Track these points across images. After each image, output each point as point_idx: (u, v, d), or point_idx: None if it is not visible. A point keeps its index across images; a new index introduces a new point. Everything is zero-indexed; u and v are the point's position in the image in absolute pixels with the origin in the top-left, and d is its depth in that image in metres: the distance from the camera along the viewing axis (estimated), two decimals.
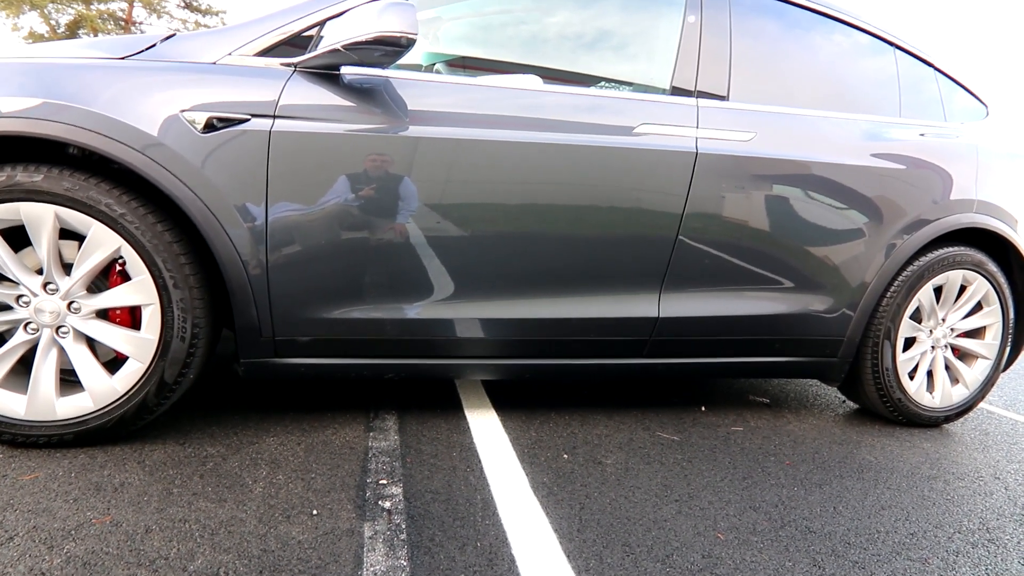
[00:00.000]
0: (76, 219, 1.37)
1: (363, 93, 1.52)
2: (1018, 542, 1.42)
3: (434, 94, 1.59)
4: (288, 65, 1.48)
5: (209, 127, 1.40)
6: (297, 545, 1.15)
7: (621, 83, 1.88)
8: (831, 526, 1.41)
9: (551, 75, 1.75)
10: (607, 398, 2.15)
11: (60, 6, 16.76)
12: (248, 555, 1.11)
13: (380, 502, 1.32)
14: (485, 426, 1.80)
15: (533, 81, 1.72)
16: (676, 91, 1.81)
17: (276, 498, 1.30)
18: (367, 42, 1.38)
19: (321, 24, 1.53)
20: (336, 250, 1.53)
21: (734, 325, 1.92)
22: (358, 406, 1.86)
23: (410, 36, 1.38)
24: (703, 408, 2.16)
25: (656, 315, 1.83)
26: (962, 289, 2.18)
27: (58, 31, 17.26)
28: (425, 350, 1.70)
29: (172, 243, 1.41)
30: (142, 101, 1.37)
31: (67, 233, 1.41)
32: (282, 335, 1.56)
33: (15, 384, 1.43)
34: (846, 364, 2.09)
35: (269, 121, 1.43)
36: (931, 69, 2.26)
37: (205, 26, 18.99)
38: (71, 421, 1.43)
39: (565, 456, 1.66)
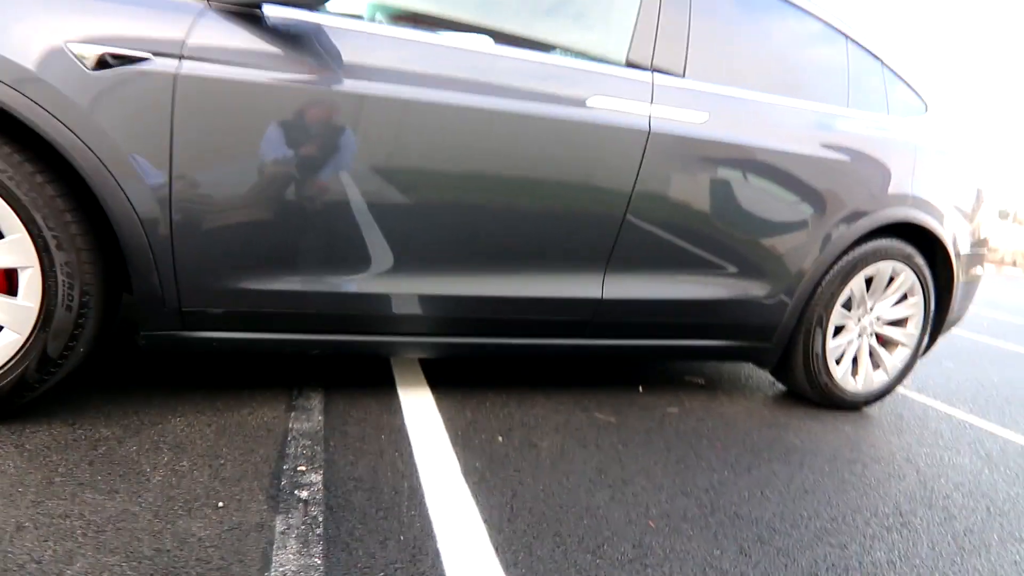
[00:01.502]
0: None
1: (289, 39, 1.35)
2: (927, 526, 1.49)
3: (372, 47, 1.43)
4: (200, 1, 1.29)
5: (101, 64, 1.20)
6: (197, 543, 1.03)
7: (576, 53, 1.77)
8: (758, 511, 1.43)
9: (503, 39, 1.61)
10: (546, 378, 2.11)
11: None
12: (138, 556, 0.98)
13: (296, 491, 1.22)
14: (419, 406, 1.72)
15: (484, 42, 1.59)
16: (632, 65, 1.72)
17: (177, 488, 1.18)
18: None
19: None
20: (254, 213, 1.38)
21: (676, 308, 1.90)
22: (281, 383, 1.73)
23: None
24: (640, 389, 2.16)
25: (600, 296, 1.78)
26: (890, 280, 2.26)
27: None
28: (356, 325, 1.58)
29: (55, 197, 1.22)
30: (15, 27, 1.15)
31: None
32: (190, 306, 1.40)
33: None
34: (779, 349, 2.13)
35: (175, 62, 1.25)
36: (878, 62, 2.27)
37: None
38: None
39: (500, 439, 1.60)
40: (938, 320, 2.42)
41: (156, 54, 1.24)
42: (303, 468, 1.31)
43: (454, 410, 1.73)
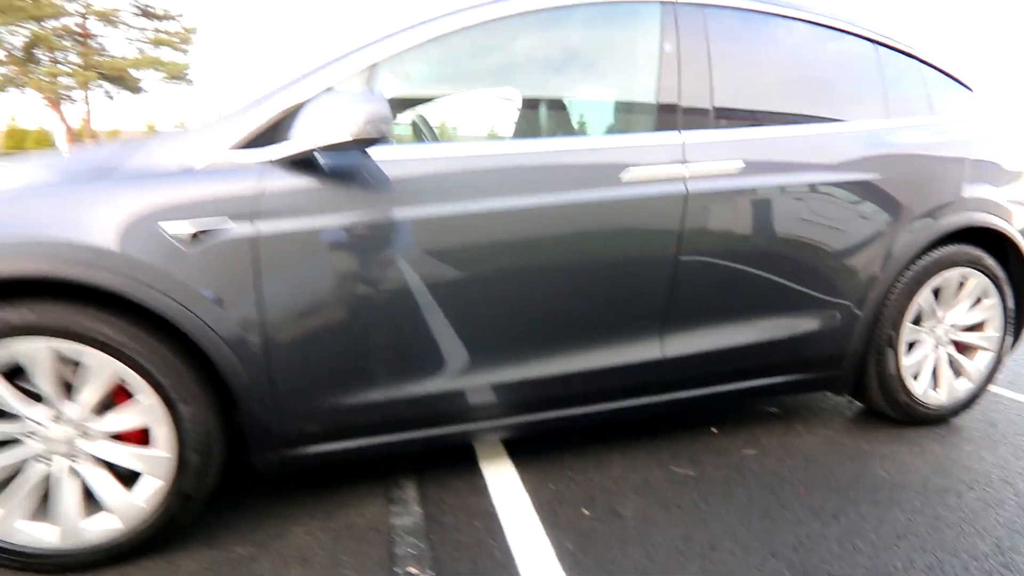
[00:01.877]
0: (71, 348, 1.36)
1: (343, 176, 1.49)
2: None
3: (417, 168, 1.56)
4: (263, 161, 1.45)
5: (192, 238, 1.38)
6: None
7: (606, 129, 1.85)
8: (850, 567, 1.45)
9: (533, 132, 1.71)
10: (620, 432, 2.17)
11: (13, 28, 16.23)
12: None
13: None
14: (503, 483, 1.83)
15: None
16: (659, 126, 1.78)
17: None
18: (341, 144, 1.35)
19: (291, 112, 1.48)
20: (336, 341, 1.53)
21: (738, 354, 1.93)
22: (375, 475, 1.88)
23: (383, 131, 1.35)
24: (714, 430, 2.19)
25: (660, 356, 1.83)
26: (960, 286, 2.19)
27: (14, 53, 16.78)
28: (438, 420, 1.71)
29: (173, 360, 1.41)
30: (118, 222, 1.34)
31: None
32: (292, 428, 1.57)
33: (43, 514, 1.44)
34: (852, 375, 2.11)
35: (251, 224, 1.41)
36: (914, 60, 2.21)
37: (164, 32, 18.43)
38: (104, 547, 1.45)
39: (585, 512, 1.69)
40: (1019, 316, 2.32)
41: (236, 219, 1.41)
42: (414, 570, 1.44)
43: (537, 482, 1.83)
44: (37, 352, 1.34)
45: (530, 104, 2.10)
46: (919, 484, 1.82)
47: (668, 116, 1.77)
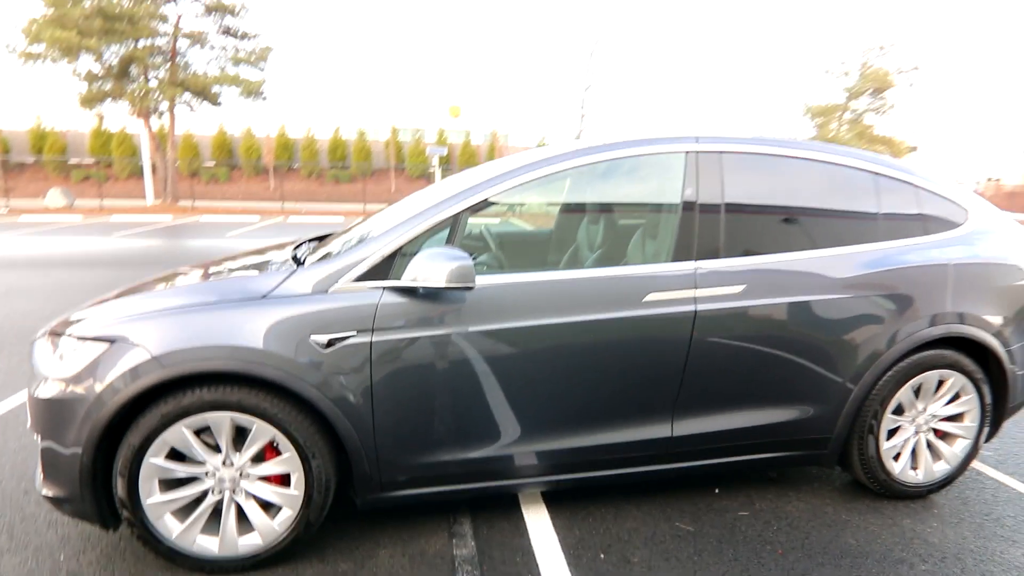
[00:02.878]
0: (242, 419, 1.95)
1: (434, 298, 2.03)
2: None
3: (487, 293, 2.08)
4: (378, 288, 2.01)
5: (329, 344, 1.95)
6: None
7: (637, 260, 2.37)
8: None
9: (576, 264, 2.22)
10: (637, 489, 2.62)
11: (112, 45, 17.93)
12: None
13: None
14: (540, 526, 2.32)
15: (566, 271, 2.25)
16: (677, 257, 2.24)
17: None
18: (435, 288, 1.90)
19: (399, 250, 2.04)
20: (422, 418, 2.08)
21: (735, 435, 2.37)
22: (441, 514, 2.41)
23: (466, 281, 1.89)
24: (716, 491, 2.62)
25: (670, 435, 2.29)
26: (940, 383, 2.54)
27: (112, 70, 18.44)
28: (493, 476, 2.23)
29: (309, 427, 1.98)
30: (280, 332, 1.93)
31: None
32: (386, 478, 2.12)
33: (209, 529, 2.04)
34: (836, 454, 2.50)
35: (369, 334, 1.97)
36: (909, 186, 2.58)
37: (243, 51, 19.83)
38: (249, 556, 2.04)
39: (602, 556, 2.17)
40: (998, 410, 2.64)
41: (359, 331, 1.97)
42: None
43: (566, 528, 2.32)
44: (221, 420, 1.94)
45: (581, 236, 2.65)
46: (880, 554, 2.21)
47: (685, 249, 2.24)
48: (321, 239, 2.92)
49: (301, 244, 2.83)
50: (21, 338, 4.74)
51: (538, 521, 2.36)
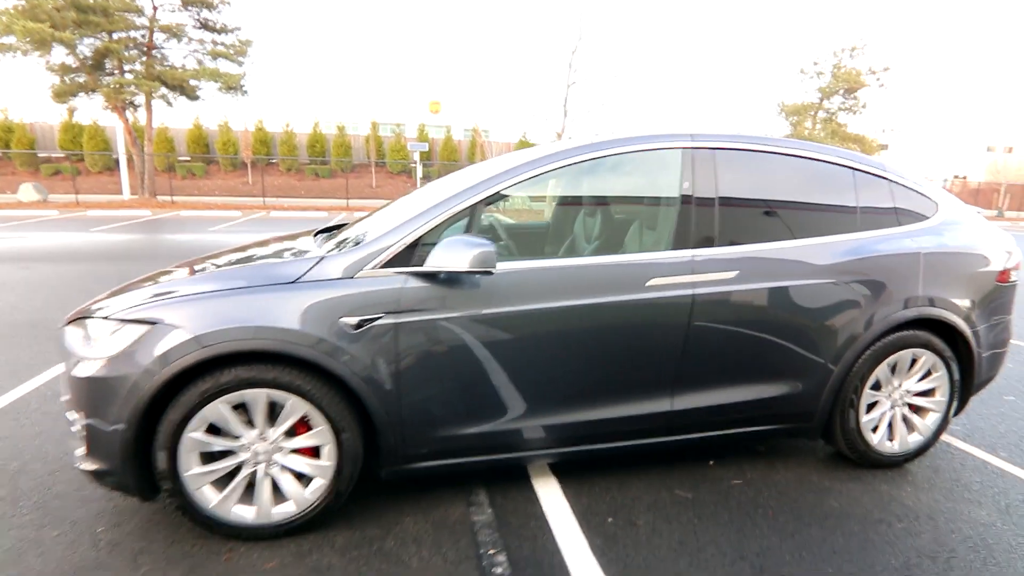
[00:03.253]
0: (277, 395, 2.07)
1: (454, 283, 2.18)
2: None
3: (503, 278, 2.23)
4: (403, 273, 2.15)
5: (359, 326, 2.08)
6: None
7: (640, 248, 2.54)
8: (797, 570, 2.08)
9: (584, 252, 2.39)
10: (638, 461, 2.81)
11: (86, 38, 17.55)
12: None
13: (494, 569, 2.03)
14: (550, 495, 2.49)
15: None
16: (676, 246, 2.42)
17: (428, 572, 2.02)
18: (458, 271, 2.05)
19: (421, 239, 2.19)
20: (442, 396, 2.22)
21: (729, 409, 2.57)
22: (456, 484, 2.56)
23: (487, 266, 2.04)
24: (711, 463, 2.83)
25: (670, 408, 2.48)
26: (913, 362, 2.77)
27: (86, 63, 18.05)
28: (508, 448, 2.39)
29: (340, 403, 2.12)
30: (312, 314, 2.06)
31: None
32: (410, 450, 2.26)
33: (244, 499, 2.16)
34: (820, 427, 2.72)
35: (394, 316, 2.11)
36: (885, 181, 2.81)
37: (222, 45, 19.58)
38: (283, 523, 2.17)
39: (610, 519, 2.34)
40: (965, 386, 2.89)
41: (386, 313, 2.11)
42: (492, 552, 2.12)
43: (575, 496, 2.49)
44: (257, 396, 2.06)
45: (583, 226, 2.82)
46: (861, 514, 2.43)
47: (683, 238, 2.42)
48: (331, 230, 3.04)
49: (318, 234, 2.95)
50: (14, 330, 4.75)
51: (548, 491, 2.53)
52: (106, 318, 2.08)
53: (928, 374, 2.82)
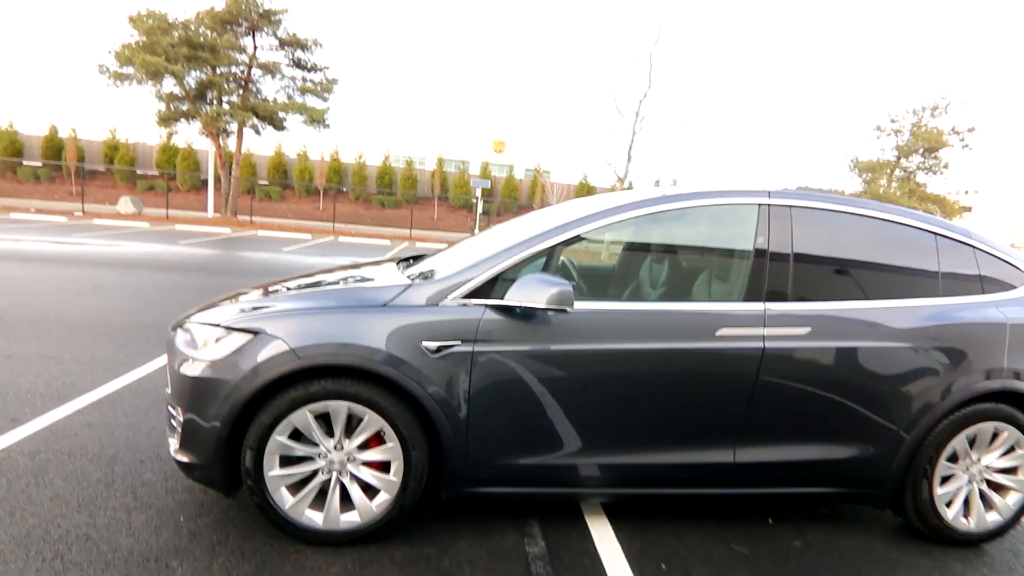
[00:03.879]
0: (357, 409, 2.22)
1: (528, 317, 2.29)
2: None
3: (577, 317, 2.33)
4: (483, 305, 2.29)
5: (437, 351, 2.22)
6: None
7: (711, 297, 2.61)
8: None
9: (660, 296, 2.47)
10: (695, 509, 2.78)
11: (194, 71, 19.42)
12: None
13: None
14: (603, 534, 2.51)
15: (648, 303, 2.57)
16: (748, 298, 2.46)
17: None
18: (535, 308, 2.17)
19: (500, 275, 2.32)
20: (508, 424, 2.32)
21: (795, 466, 2.52)
22: (510, 514, 2.61)
23: (564, 305, 2.15)
24: (770, 520, 2.76)
25: (732, 460, 2.47)
26: (995, 435, 2.65)
27: (190, 92, 19.85)
28: (566, 483, 2.44)
29: (412, 422, 2.24)
30: (397, 336, 2.21)
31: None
32: (472, 474, 2.35)
33: (316, 505, 2.30)
34: (888, 496, 2.62)
35: (471, 344, 2.24)
36: (968, 247, 2.75)
37: (311, 82, 21.03)
38: (348, 532, 2.28)
39: (663, 566, 2.33)
40: None
41: (463, 340, 2.24)
42: None
43: (628, 539, 2.49)
44: (339, 408, 2.22)
45: (649, 272, 2.90)
46: None
47: (755, 290, 2.46)
48: (412, 259, 3.24)
49: (400, 262, 3.15)
50: (110, 329, 5.20)
51: (601, 530, 2.54)
52: (215, 325, 2.31)
53: (1011, 450, 2.68)
